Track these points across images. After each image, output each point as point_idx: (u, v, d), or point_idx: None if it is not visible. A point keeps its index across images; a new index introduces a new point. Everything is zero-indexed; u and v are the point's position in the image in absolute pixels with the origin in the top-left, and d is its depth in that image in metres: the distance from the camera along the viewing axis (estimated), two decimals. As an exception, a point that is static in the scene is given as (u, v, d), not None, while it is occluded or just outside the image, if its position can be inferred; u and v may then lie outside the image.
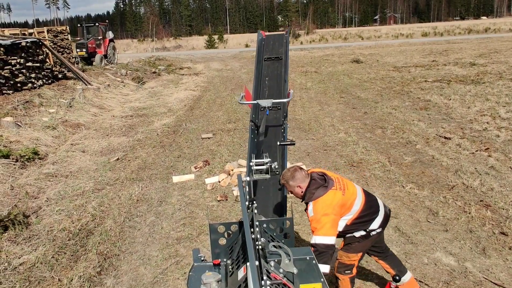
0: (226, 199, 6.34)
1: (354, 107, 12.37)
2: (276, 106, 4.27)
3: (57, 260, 4.77)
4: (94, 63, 23.56)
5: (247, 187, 3.13)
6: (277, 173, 3.41)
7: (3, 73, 11.93)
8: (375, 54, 29.27)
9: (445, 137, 8.65)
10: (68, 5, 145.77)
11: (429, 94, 13.19)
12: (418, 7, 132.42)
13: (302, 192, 3.23)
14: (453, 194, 6.02)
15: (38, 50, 14.33)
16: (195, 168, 7.78)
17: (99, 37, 25.27)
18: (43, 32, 17.32)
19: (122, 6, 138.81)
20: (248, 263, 1.89)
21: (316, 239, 3.08)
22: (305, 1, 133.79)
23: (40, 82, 13.92)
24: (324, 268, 3.03)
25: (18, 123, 9.69)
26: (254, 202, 2.76)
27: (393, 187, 6.43)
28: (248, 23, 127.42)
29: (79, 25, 27.69)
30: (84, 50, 23.81)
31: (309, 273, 2.18)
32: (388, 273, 3.64)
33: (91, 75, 17.84)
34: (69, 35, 20.00)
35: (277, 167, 3.24)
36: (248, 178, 3.04)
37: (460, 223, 5.19)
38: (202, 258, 2.42)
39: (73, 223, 5.61)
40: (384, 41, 47.85)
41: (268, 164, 3.13)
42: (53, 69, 15.53)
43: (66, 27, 20.01)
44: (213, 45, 57.69)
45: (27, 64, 13.24)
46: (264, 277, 1.88)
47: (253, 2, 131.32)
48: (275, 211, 3.54)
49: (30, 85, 13.20)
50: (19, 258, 4.69)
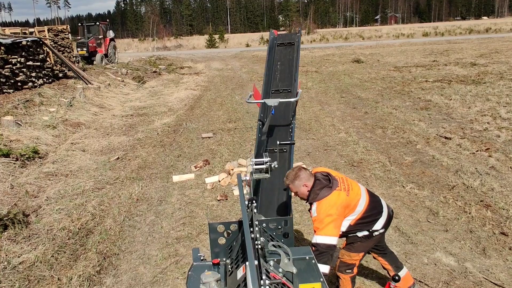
0: (226, 199, 6.34)
1: (355, 107, 12.36)
2: (287, 88, 4.27)
3: (56, 259, 4.76)
4: (94, 62, 23.60)
5: (251, 186, 3.12)
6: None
7: (3, 72, 11.93)
8: (376, 54, 29.24)
9: (446, 137, 8.64)
10: (69, 4, 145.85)
11: (429, 94, 13.18)
12: (419, 7, 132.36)
13: (308, 191, 3.21)
14: (454, 194, 6.01)
15: (38, 49, 14.33)
16: (195, 168, 7.78)
17: (100, 36, 25.29)
18: (44, 31, 17.31)
19: (123, 5, 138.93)
20: (247, 263, 1.89)
21: (318, 239, 3.07)
22: (306, 1, 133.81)
23: (41, 81, 13.92)
24: (324, 268, 3.02)
25: (18, 122, 9.69)
26: (254, 201, 2.75)
27: (393, 187, 6.42)
28: (249, 23, 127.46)
29: (79, 24, 27.68)
30: (85, 49, 23.85)
31: (308, 273, 2.18)
32: (385, 269, 3.64)
33: (91, 74, 17.84)
34: (69, 34, 19.99)
35: (277, 166, 3.23)
36: (248, 178, 3.03)
37: (460, 223, 5.19)
38: (201, 258, 2.42)
39: (73, 222, 5.60)
40: (385, 41, 47.80)
41: (268, 164, 3.12)
42: (54, 68, 15.52)
43: (67, 26, 20.00)
44: (214, 44, 57.67)
45: (28, 63, 13.23)
46: (263, 277, 1.88)
47: (254, 1, 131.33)
48: (280, 211, 3.53)
49: (30, 84, 13.19)
50: (19, 257, 4.69)
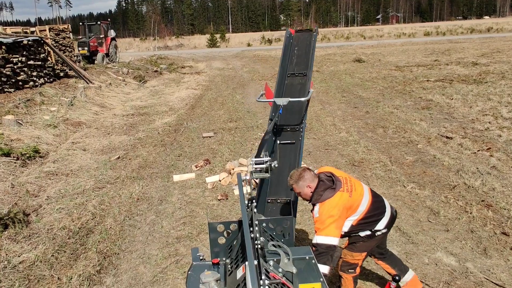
0: (227, 198, 6.33)
1: (356, 107, 12.34)
2: (302, 72, 4.28)
3: (57, 258, 4.76)
4: (95, 62, 23.60)
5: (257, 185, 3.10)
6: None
7: (4, 71, 11.93)
8: (377, 53, 29.20)
9: (447, 137, 8.62)
10: (70, 3, 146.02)
11: (431, 93, 13.15)
12: (420, 6, 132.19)
13: (311, 192, 3.21)
14: (455, 194, 5.99)
15: (40, 49, 14.34)
16: (196, 167, 7.77)
17: (101, 36, 25.29)
18: (45, 30, 17.30)
19: (124, 4, 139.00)
20: (247, 262, 1.88)
21: (318, 239, 3.07)
22: (307, 1, 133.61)
23: (42, 80, 13.92)
24: (323, 268, 3.01)
25: (19, 121, 9.69)
26: (254, 201, 2.75)
27: (394, 187, 6.41)
28: (250, 22, 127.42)
29: (81, 23, 27.67)
30: (86, 48, 23.84)
31: (308, 273, 2.17)
32: (388, 273, 3.62)
33: (92, 74, 17.84)
34: (71, 33, 19.98)
35: (277, 165, 3.22)
36: (248, 177, 3.03)
37: (461, 223, 5.17)
38: (201, 257, 2.41)
39: (73, 222, 5.60)
40: (386, 40, 47.74)
41: (268, 163, 3.11)
42: (55, 67, 15.53)
43: (68, 26, 19.99)
44: (215, 44, 57.65)
45: (29, 62, 13.23)
46: (263, 277, 1.87)
47: (255, 1, 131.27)
48: (287, 211, 3.51)
49: (31, 83, 13.19)
50: (19, 256, 4.69)
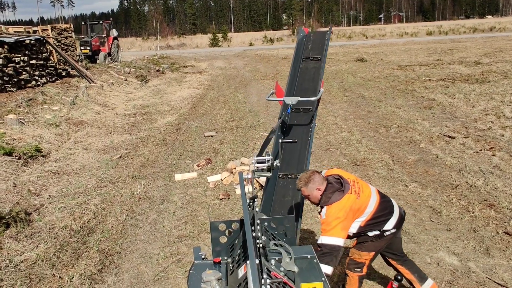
0: (228, 197, 6.32)
1: (358, 106, 12.32)
2: (317, 57, 4.29)
3: (58, 257, 4.76)
4: (98, 61, 23.63)
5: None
6: None
7: (7, 70, 11.96)
8: (380, 52, 29.17)
9: (449, 136, 8.59)
10: (72, 3, 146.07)
11: (433, 93, 13.13)
12: (423, 5, 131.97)
13: (320, 195, 3.21)
14: (457, 194, 5.97)
15: (42, 48, 14.36)
16: (198, 166, 7.77)
17: (103, 35, 25.31)
18: (47, 30, 17.33)
19: (126, 4, 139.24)
20: (248, 262, 1.87)
21: (323, 239, 3.08)
22: (309, 0, 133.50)
23: (44, 79, 13.95)
24: (326, 268, 3.01)
25: (21, 120, 9.71)
26: (255, 200, 2.73)
27: (396, 186, 6.39)
28: (252, 22, 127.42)
29: (83, 23, 27.67)
30: (88, 48, 23.88)
31: (310, 272, 2.16)
32: (408, 280, 3.53)
33: (94, 73, 17.86)
34: (73, 33, 20.01)
35: (279, 164, 3.21)
36: (250, 176, 3.01)
37: (464, 223, 5.15)
38: (202, 256, 2.40)
39: (74, 221, 5.60)
40: (388, 39, 47.70)
41: (270, 162, 3.10)
42: (57, 66, 15.56)
43: (70, 25, 20.02)
44: (217, 43, 57.68)
45: (31, 61, 13.27)
46: (265, 276, 1.86)
47: (257, 0, 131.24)
48: (291, 211, 3.50)
49: (33, 82, 13.22)
50: (21, 255, 4.69)
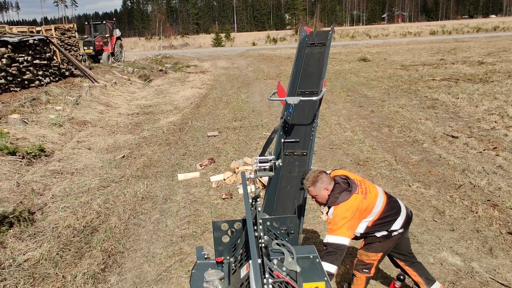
0: (231, 197, 6.32)
1: (361, 106, 12.30)
2: (322, 42, 4.32)
3: (61, 256, 4.78)
4: (101, 61, 23.68)
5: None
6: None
7: (10, 70, 12.00)
8: (383, 52, 29.11)
9: (453, 136, 8.57)
10: (76, 3, 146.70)
11: (436, 92, 13.09)
12: (426, 5, 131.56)
13: (328, 195, 3.21)
14: (460, 194, 5.95)
15: (45, 48, 14.41)
16: (201, 166, 7.78)
17: (106, 35, 25.36)
18: (51, 29, 17.38)
19: (129, 4, 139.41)
20: (250, 261, 1.87)
21: (329, 239, 3.08)
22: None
23: (47, 79, 14.00)
24: (330, 267, 3.00)
25: (25, 120, 9.74)
26: (258, 199, 2.73)
27: (399, 186, 6.38)
28: (255, 22, 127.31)
29: (86, 23, 27.77)
30: (91, 47, 23.94)
31: (312, 272, 2.16)
32: (415, 282, 3.52)
33: (98, 73, 17.91)
34: (76, 32, 20.07)
35: (281, 164, 3.21)
36: (252, 176, 3.01)
37: (467, 223, 5.14)
38: (205, 256, 2.40)
39: (78, 220, 5.62)
40: (391, 39, 47.61)
41: (272, 162, 3.09)
42: (60, 66, 15.61)
43: (74, 25, 20.06)
44: (220, 43, 57.74)
45: (35, 61, 13.31)
46: (267, 275, 1.86)
47: (260, 0, 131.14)
48: (293, 211, 3.50)
49: (37, 82, 13.27)
50: (24, 254, 4.71)
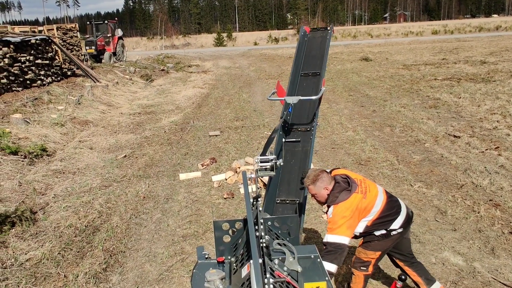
0: (233, 197, 6.33)
1: (363, 105, 12.28)
2: (323, 27, 4.52)
3: (63, 256, 4.79)
4: (103, 61, 23.72)
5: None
6: None
7: (12, 70, 12.01)
8: (385, 52, 29.08)
9: (455, 136, 8.55)
10: (78, 3, 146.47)
11: (438, 92, 13.06)
12: (428, 5, 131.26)
13: (328, 194, 3.22)
14: (462, 193, 5.94)
15: (47, 48, 14.42)
16: (202, 166, 7.78)
17: (108, 35, 25.40)
18: (53, 29, 17.39)
19: (131, 4, 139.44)
20: (251, 261, 1.87)
21: (328, 238, 3.09)
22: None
23: (49, 79, 14.01)
24: (331, 266, 3.01)
25: (27, 119, 9.76)
26: (259, 199, 2.73)
27: (401, 186, 6.37)
28: (257, 21, 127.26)
29: (88, 22, 27.80)
30: (93, 47, 23.96)
31: (313, 272, 2.15)
32: (414, 282, 3.51)
33: (99, 73, 17.93)
34: (78, 32, 20.06)
35: (282, 164, 3.21)
36: (253, 175, 3.01)
37: (469, 223, 5.13)
38: (206, 256, 2.40)
39: (79, 220, 5.62)
40: (393, 39, 47.56)
41: (273, 161, 3.09)
42: (62, 66, 15.62)
43: (76, 25, 20.06)
44: (222, 43, 57.77)
45: (37, 61, 13.32)
46: (268, 275, 1.86)
47: (262, 0, 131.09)
48: (298, 183, 3.51)
49: (39, 82, 13.28)
50: (26, 254, 4.71)
